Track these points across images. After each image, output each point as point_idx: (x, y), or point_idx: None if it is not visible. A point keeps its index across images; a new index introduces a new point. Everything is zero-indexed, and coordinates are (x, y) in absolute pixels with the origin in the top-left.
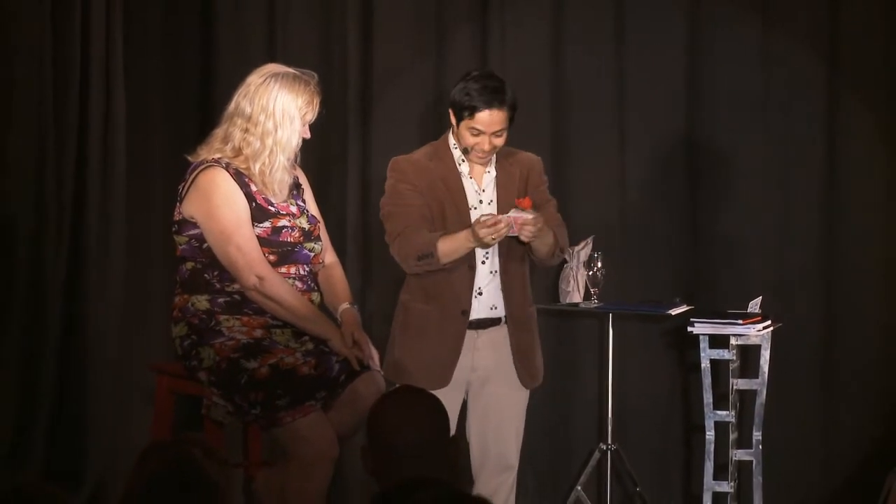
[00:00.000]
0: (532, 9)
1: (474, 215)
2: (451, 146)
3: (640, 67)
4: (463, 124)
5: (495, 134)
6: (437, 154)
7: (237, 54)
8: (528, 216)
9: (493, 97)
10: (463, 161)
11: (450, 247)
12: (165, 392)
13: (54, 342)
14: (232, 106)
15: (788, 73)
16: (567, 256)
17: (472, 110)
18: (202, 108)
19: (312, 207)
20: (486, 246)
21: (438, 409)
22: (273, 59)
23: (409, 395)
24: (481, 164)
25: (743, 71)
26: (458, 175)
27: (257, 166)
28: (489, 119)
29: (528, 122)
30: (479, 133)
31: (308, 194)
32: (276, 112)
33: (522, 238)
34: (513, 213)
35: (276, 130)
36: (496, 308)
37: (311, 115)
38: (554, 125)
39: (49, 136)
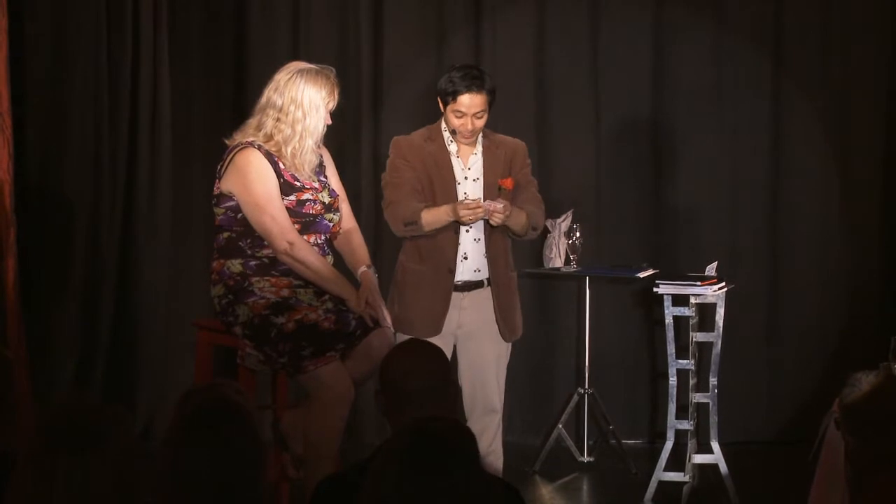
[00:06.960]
0: (519, 13)
1: (459, 189)
2: (443, 129)
3: (612, 63)
4: (448, 108)
5: (476, 115)
6: (431, 136)
7: (266, 51)
8: (499, 205)
9: (473, 82)
10: (452, 142)
11: (433, 217)
12: (206, 344)
13: (111, 304)
14: (263, 99)
15: (738, 69)
16: (549, 227)
17: (455, 94)
18: (237, 98)
19: (334, 182)
20: (463, 223)
21: (442, 358)
22: (297, 55)
23: (417, 347)
24: (467, 144)
25: (700, 66)
26: (447, 154)
27: (289, 149)
28: (469, 101)
29: (516, 109)
30: (462, 115)
31: (331, 170)
32: (305, 102)
33: (492, 223)
34: (488, 203)
35: (304, 118)
36: (479, 271)
37: (332, 104)
38: (538, 113)
39: (104, 123)
